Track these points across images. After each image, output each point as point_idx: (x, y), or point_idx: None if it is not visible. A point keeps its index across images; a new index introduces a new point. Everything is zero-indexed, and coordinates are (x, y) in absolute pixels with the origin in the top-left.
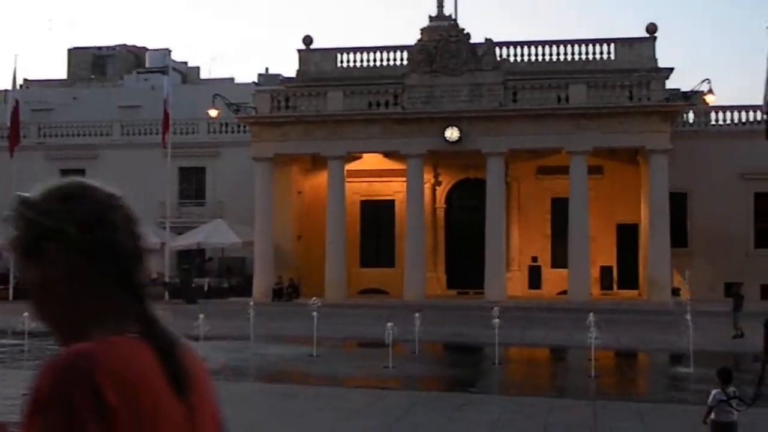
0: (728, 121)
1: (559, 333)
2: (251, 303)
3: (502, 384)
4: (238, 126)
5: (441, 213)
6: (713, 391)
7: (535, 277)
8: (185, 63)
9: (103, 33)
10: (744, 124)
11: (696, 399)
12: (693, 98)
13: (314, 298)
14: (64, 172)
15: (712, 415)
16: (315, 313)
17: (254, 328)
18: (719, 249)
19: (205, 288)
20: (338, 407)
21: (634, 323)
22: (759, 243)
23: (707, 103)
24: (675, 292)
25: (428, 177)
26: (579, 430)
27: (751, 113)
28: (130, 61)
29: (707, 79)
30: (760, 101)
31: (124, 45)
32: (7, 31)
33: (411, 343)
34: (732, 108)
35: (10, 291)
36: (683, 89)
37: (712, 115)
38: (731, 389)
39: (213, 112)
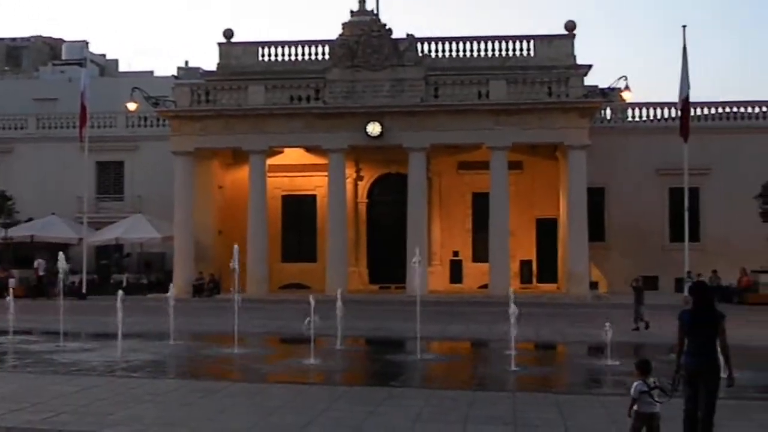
0: (644, 118)
1: (479, 326)
2: (170, 298)
3: (423, 378)
4: (158, 120)
5: (363, 208)
6: (635, 383)
7: (456, 272)
8: (103, 55)
9: (17, 23)
10: (660, 120)
11: (614, 390)
12: (610, 95)
13: (233, 292)
14: None
15: (635, 407)
16: (236, 308)
17: (174, 325)
18: (636, 243)
19: (124, 284)
20: (259, 403)
21: (553, 316)
22: (674, 237)
23: (624, 100)
24: (593, 285)
25: (350, 172)
26: (499, 422)
27: (666, 110)
28: (45, 52)
29: (624, 77)
30: (675, 98)
31: (40, 36)
32: None
33: (333, 338)
34: (648, 105)
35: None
36: (601, 86)
37: (629, 111)
38: (651, 380)
39: (131, 106)
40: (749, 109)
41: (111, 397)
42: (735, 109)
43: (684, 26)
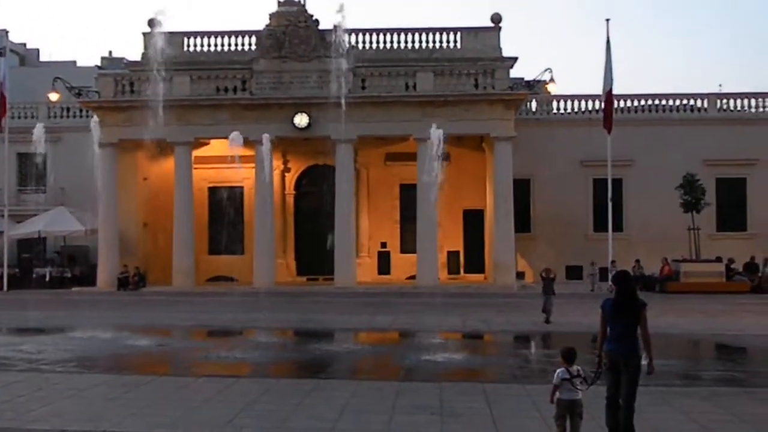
0: (569, 110)
1: (407, 317)
2: (88, 292)
3: (350, 369)
4: (81, 111)
5: (290, 199)
6: (558, 371)
7: (384, 263)
8: (24, 44)
9: None
10: (584, 113)
11: (539, 378)
12: (536, 87)
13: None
14: None
15: (557, 394)
16: (159, 301)
17: (99, 318)
18: (561, 233)
19: (47, 278)
20: (186, 397)
21: (480, 306)
22: (598, 227)
23: (549, 92)
24: (519, 275)
25: (277, 163)
26: (426, 411)
27: (590, 102)
28: None
29: (549, 69)
30: (599, 91)
31: None
32: None
33: (260, 331)
34: (573, 97)
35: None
36: (527, 78)
37: (554, 103)
38: (575, 368)
39: (53, 96)
40: (671, 102)
41: (32, 393)
42: (657, 102)
43: (608, 20)
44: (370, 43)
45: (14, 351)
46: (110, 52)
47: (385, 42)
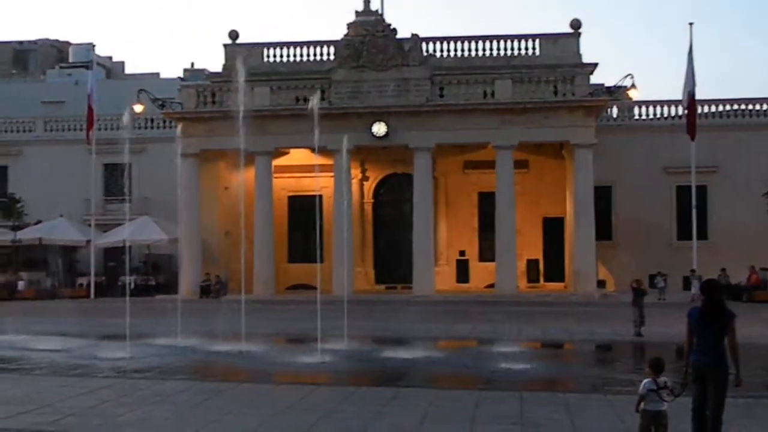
0: (651, 116)
1: (486, 326)
2: (171, 300)
3: (429, 378)
4: (164, 122)
5: (369, 208)
6: (644, 381)
7: (462, 271)
8: (110, 57)
9: (24, 26)
10: (666, 118)
11: (622, 389)
12: (616, 93)
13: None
14: None
15: (643, 404)
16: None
17: (182, 326)
18: (643, 241)
19: (132, 286)
20: (266, 404)
21: (560, 315)
22: (682, 235)
23: (630, 98)
24: (600, 284)
25: (356, 172)
26: (506, 422)
27: (673, 108)
28: (52, 55)
29: (630, 75)
30: (681, 96)
31: (47, 39)
32: None
33: (339, 338)
34: (654, 103)
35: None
36: (607, 84)
37: (636, 109)
38: (662, 379)
39: (138, 108)
40: (756, 106)
41: (118, 399)
42: (742, 107)
43: (691, 23)
44: (448, 51)
45: (100, 357)
46: (192, 64)
47: (463, 50)
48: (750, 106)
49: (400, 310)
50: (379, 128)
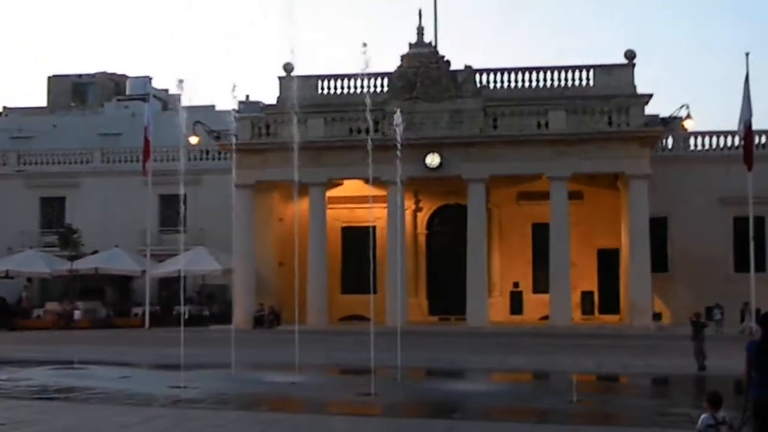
0: (707, 147)
1: (540, 358)
2: (224, 330)
3: (484, 410)
4: (219, 153)
5: (422, 239)
6: (702, 416)
7: (516, 303)
8: (166, 90)
9: (82, 60)
10: (722, 149)
11: (680, 424)
12: (672, 124)
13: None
14: (45, 200)
15: None
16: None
17: (235, 356)
18: (700, 273)
19: (186, 316)
20: None
21: (616, 348)
22: (739, 267)
23: (686, 129)
24: (656, 316)
25: (409, 203)
26: None
27: (729, 138)
28: (110, 88)
29: (686, 105)
30: (737, 126)
31: (104, 72)
32: None
33: (393, 369)
34: (710, 133)
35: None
36: (662, 115)
37: (691, 140)
38: (721, 414)
39: (193, 140)
40: None
41: (171, 428)
42: None
43: (747, 53)
44: (501, 82)
45: (155, 386)
46: (247, 96)
47: (516, 81)
48: None
49: (454, 341)
50: (433, 159)
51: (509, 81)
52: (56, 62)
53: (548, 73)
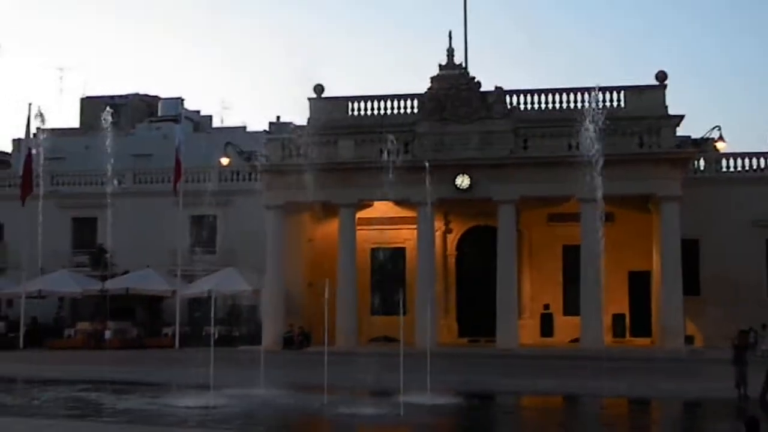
0: (739, 168)
1: (572, 381)
2: (254, 351)
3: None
4: (250, 174)
5: (452, 260)
6: None
7: (547, 325)
8: (197, 112)
9: (116, 81)
10: (755, 170)
11: None
12: (704, 145)
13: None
14: (77, 221)
15: None
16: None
17: (264, 376)
18: (732, 296)
19: (216, 336)
20: None
21: (648, 371)
22: None
23: (718, 150)
24: (688, 339)
25: (439, 224)
26: None
27: (762, 160)
28: (142, 110)
29: (718, 126)
30: None
31: (137, 94)
32: (20, 80)
33: (421, 392)
34: (743, 155)
35: (21, 338)
36: (694, 136)
37: (723, 161)
38: None
39: (224, 161)
40: None
41: None
42: None
43: None
44: (532, 103)
45: (184, 408)
46: (278, 117)
47: (546, 102)
48: None
49: (484, 363)
50: (463, 181)
51: (540, 102)
52: (90, 83)
53: (579, 95)
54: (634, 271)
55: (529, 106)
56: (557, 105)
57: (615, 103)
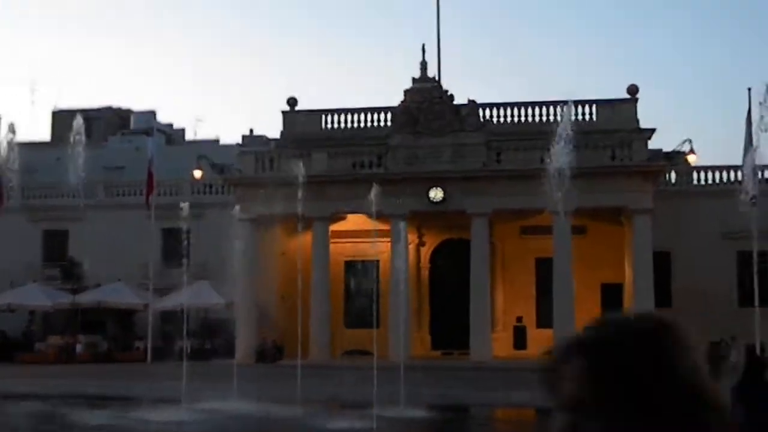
0: (710, 181)
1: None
2: (226, 365)
3: None
4: (223, 187)
5: (425, 273)
6: None
7: (520, 338)
8: (170, 125)
9: (88, 95)
10: (726, 183)
11: None
12: (675, 158)
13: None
14: (48, 233)
15: None
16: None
17: (237, 390)
18: (703, 308)
19: (188, 350)
20: None
21: None
22: (743, 302)
23: (689, 163)
24: None
25: (412, 237)
26: None
27: (732, 173)
28: (115, 122)
29: (689, 140)
30: (740, 161)
31: (110, 107)
32: None
33: (395, 405)
34: (713, 168)
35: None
36: (665, 149)
37: (694, 174)
38: None
39: (197, 174)
40: None
41: None
42: None
43: (749, 89)
44: (505, 116)
45: (156, 423)
46: (251, 130)
47: (519, 115)
48: None
49: (458, 376)
50: (436, 194)
51: (512, 115)
52: (61, 96)
53: (551, 108)
54: (607, 284)
55: (501, 120)
56: (530, 118)
57: (587, 117)
